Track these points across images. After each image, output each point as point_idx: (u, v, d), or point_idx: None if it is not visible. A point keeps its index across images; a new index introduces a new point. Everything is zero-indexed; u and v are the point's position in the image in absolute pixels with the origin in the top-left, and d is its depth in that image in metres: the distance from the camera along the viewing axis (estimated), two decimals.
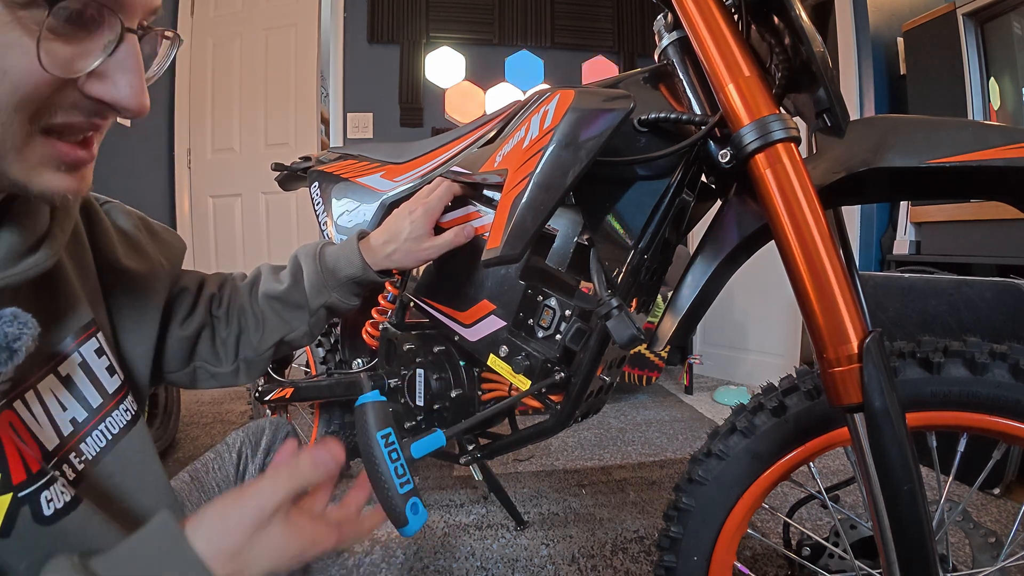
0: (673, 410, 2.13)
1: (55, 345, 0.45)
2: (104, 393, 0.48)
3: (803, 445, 0.61)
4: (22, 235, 0.39)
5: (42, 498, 0.37)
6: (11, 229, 0.38)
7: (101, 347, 0.49)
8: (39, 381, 0.42)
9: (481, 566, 1.07)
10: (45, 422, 0.42)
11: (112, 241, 0.54)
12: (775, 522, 1.19)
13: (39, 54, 0.31)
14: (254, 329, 0.66)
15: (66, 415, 0.44)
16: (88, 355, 0.47)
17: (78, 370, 0.46)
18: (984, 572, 0.62)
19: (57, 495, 0.38)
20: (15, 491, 0.36)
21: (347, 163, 1.04)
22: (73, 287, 0.47)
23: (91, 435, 0.46)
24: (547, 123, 0.60)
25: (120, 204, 0.58)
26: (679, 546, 0.66)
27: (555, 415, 0.73)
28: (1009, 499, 1.28)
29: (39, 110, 0.33)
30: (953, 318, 1.33)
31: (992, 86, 1.75)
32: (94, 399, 0.47)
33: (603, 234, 0.65)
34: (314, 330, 0.70)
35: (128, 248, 0.56)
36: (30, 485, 0.37)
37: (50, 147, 0.35)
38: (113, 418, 0.48)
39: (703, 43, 0.54)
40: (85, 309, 0.48)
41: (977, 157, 0.48)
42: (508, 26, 2.98)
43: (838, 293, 0.48)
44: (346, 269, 0.68)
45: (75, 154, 0.36)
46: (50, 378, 0.44)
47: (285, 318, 0.67)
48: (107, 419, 0.48)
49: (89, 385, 0.47)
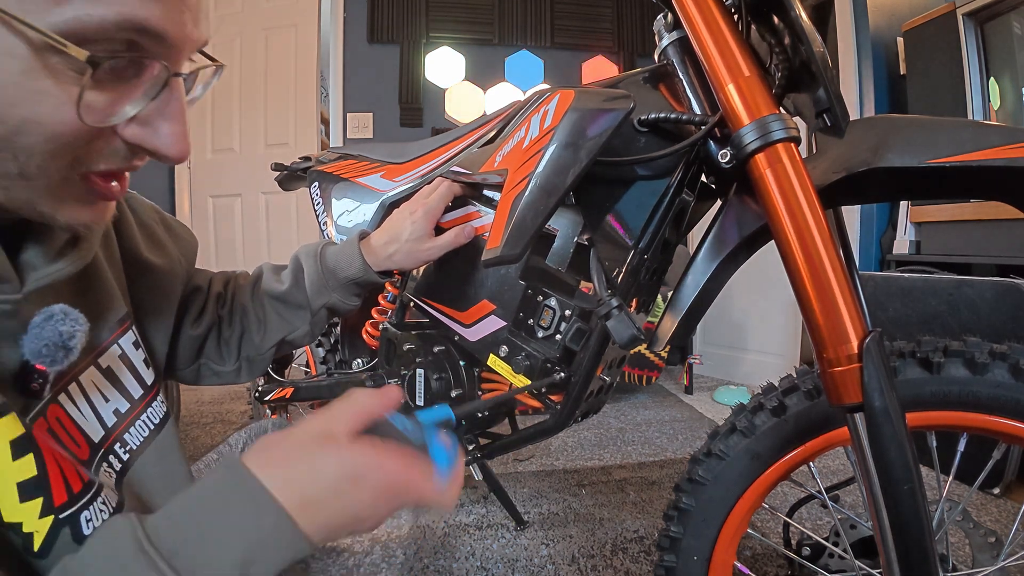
0: (673, 410, 2.13)
1: (96, 338, 0.44)
2: (144, 385, 0.48)
3: (803, 445, 0.61)
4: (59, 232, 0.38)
5: (82, 519, 0.36)
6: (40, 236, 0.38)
7: (137, 340, 0.49)
8: (81, 373, 0.42)
9: (481, 566, 1.07)
10: (90, 414, 0.42)
11: (135, 233, 0.54)
12: (775, 522, 1.19)
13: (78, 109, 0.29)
14: (256, 329, 0.66)
15: (109, 406, 0.44)
16: (127, 347, 0.47)
17: (118, 362, 0.46)
18: (984, 572, 0.62)
19: (96, 514, 0.37)
20: (56, 513, 0.34)
21: (347, 163, 1.04)
22: (108, 280, 0.47)
23: (134, 426, 0.46)
24: (547, 123, 0.60)
25: (137, 194, 0.57)
26: (679, 546, 0.66)
27: (555, 415, 0.73)
28: (1009, 499, 1.28)
29: (77, 157, 0.32)
30: (953, 318, 1.33)
31: (992, 86, 1.75)
32: (135, 390, 0.47)
33: (603, 234, 0.65)
34: (315, 330, 0.70)
35: (148, 241, 0.56)
36: (71, 506, 0.35)
37: (84, 185, 0.34)
38: (152, 410, 0.48)
39: (703, 43, 0.54)
40: (120, 302, 0.48)
41: (977, 157, 0.48)
42: (508, 26, 2.97)
43: (838, 293, 0.48)
44: (347, 270, 0.68)
45: (108, 190, 0.35)
46: (91, 370, 0.43)
47: (287, 318, 0.67)
48: (147, 411, 0.48)
49: (129, 376, 0.47)
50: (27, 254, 0.36)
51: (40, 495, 0.33)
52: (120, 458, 0.44)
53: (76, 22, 0.28)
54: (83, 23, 0.28)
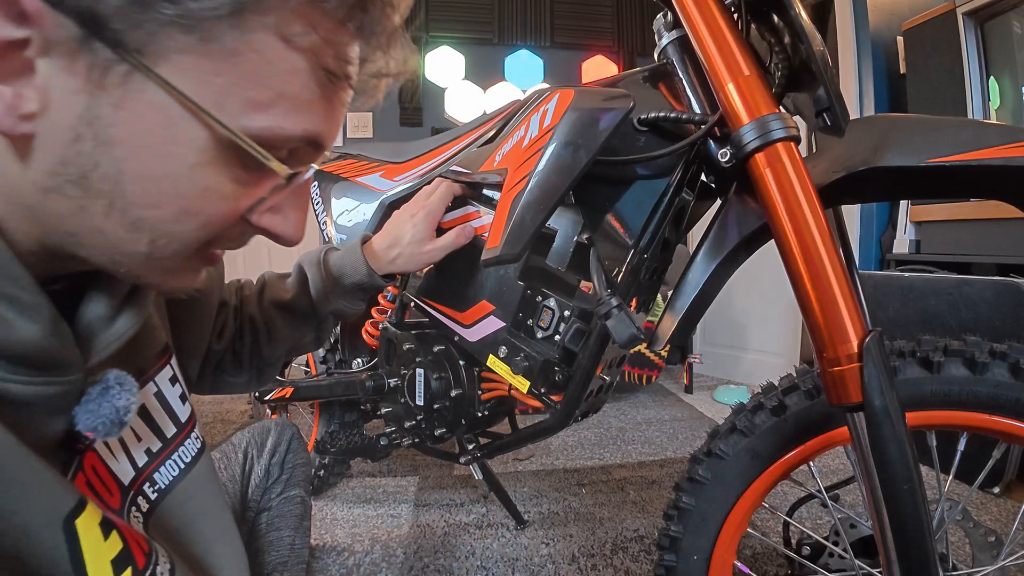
0: (673, 409, 2.13)
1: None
2: (177, 422, 0.46)
3: (803, 444, 0.61)
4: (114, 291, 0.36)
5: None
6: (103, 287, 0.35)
7: (175, 374, 0.47)
8: None
9: (481, 565, 1.07)
10: (121, 455, 0.40)
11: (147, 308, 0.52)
12: (775, 521, 1.19)
13: (257, 198, 0.31)
14: (265, 339, 0.66)
15: (141, 446, 0.42)
16: (163, 384, 0.45)
17: (153, 400, 0.44)
18: (984, 571, 0.62)
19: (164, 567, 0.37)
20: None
21: (346, 162, 1.04)
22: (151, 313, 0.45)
23: (164, 464, 0.44)
24: (547, 122, 0.59)
25: None
26: (679, 545, 0.66)
27: (555, 414, 0.73)
28: (1009, 498, 1.28)
29: (210, 242, 0.32)
30: (953, 317, 1.33)
31: (992, 85, 1.75)
32: (168, 429, 0.45)
33: (603, 233, 0.65)
34: (322, 336, 0.70)
35: None
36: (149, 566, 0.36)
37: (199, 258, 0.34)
38: (185, 447, 0.46)
39: (703, 42, 0.54)
40: (160, 332, 0.46)
41: (977, 156, 0.48)
42: (508, 25, 2.97)
43: (838, 292, 0.48)
44: (352, 276, 0.68)
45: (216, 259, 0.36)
46: None
47: (294, 326, 0.67)
48: (180, 448, 0.46)
49: (164, 415, 0.45)
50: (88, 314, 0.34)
51: (129, 565, 0.34)
52: (148, 498, 0.42)
53: (266, 131, 0.28)
54: (273, 132, 0.29)
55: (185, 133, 0.27)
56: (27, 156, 0.27)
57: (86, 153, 0.26)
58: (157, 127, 0.27)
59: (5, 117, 0.25)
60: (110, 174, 0.27)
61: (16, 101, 0.25)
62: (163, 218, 0.29)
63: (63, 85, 0.25)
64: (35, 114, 0.25)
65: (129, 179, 0.27)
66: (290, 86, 0.28)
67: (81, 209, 0.28)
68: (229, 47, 0.26)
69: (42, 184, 0.27)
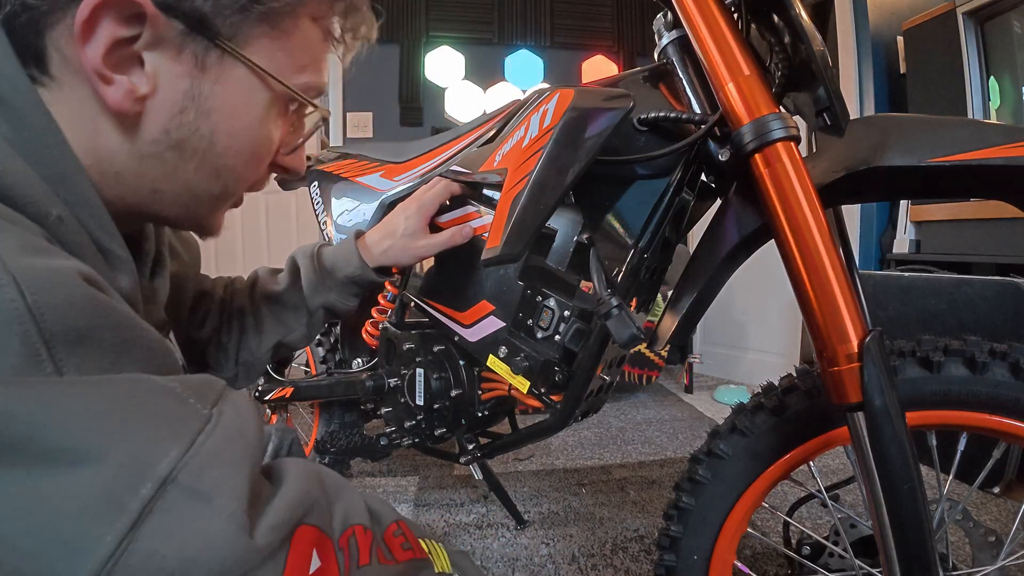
0: (673, 409, 2.13)
1: None
2: None
3: (803, 444, 0.61)
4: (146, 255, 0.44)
5: None
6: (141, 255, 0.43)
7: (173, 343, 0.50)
8: None
9: (481, 565, 1.07)
10: None
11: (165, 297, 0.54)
12: (775, 521, 1.19)
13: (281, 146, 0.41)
14: (253, 332, 0.66)
15: None
16: None
17: None
18: (984, 571, 0.62)
19: None
20: None
21: (347, 162, 1.04)
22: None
23: None
24: (547, 122, 0.59)
25: None
26: (679, 545, 0.66)
27: (555, 414, 0.73)
28: (1009, 498, 1.28)
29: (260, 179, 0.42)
30: (953, 317, 1.32)
31: (992, 85, 1.75)
32: None
33: (603, 233, 0.65)
34: (312, 331, 0.70)
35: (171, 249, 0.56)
36: None
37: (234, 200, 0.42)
38: None
39: (703, 42, 0.54)
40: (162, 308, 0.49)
41: (977, 156, 0.48)
42: (508, 25, 2.97)
43: (838, 292, 0.48)
44: (344, 269, 0.68)
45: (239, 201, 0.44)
46: None
47: (283, 319, 0.67)
48: None
49: None
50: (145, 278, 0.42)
51: None
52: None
53: (306, 85, 0.39)
54: (309, 86, 0.39)
55: (259, 96, 0.36)
56: (133, 130, 0.33)
57: (188, 123, 0.34)
58: (242, 94, 0.35)
59: (125, 101, 0.32)
60: (205, 135, 0.35)
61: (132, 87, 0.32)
62: (239, 164, 0.38)
63: (170, 70, 0.32)
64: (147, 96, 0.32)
65: (219, 137, 0.36)
66: (317, 52, 0.39)
67: (174, 169, 0.35)
68: (286, 29, 0.36)
69: (141, 152, 0.34)
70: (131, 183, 0.35)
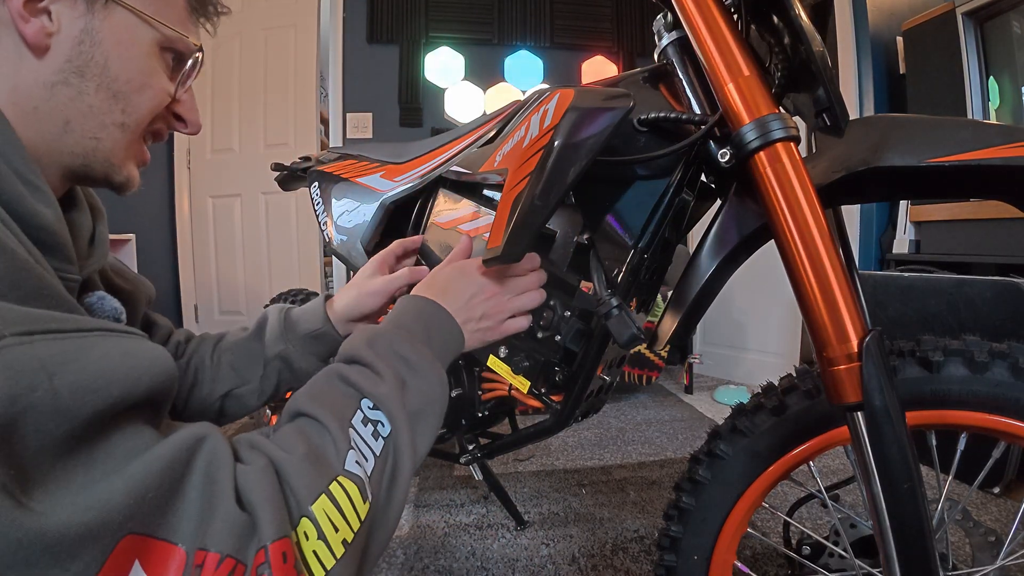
0: (673, 410, 2.13)
1: None
2: None
3: (803, 444, 0.61)
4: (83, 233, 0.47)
5: None
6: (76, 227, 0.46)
7: None
8: None
9: (481, 566, 1.08)
10: None
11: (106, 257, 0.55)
12: (775, 521, 1.19)
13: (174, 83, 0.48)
14: (207, 381, 0.67)
15: None
16: None
17: None
18: (984, 571, 0.62)
19: None
20: None
21: (347, 163, 1.04)
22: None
23: None
24: (547, 122, 0.60)
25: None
26: (679, 545, 0.66)
27: (555, 415, 0.73)
28: (1009, 498, 1.28)
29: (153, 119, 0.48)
30: (953, 317, 1.33)
31: (992, 85, 1.75)
32: None
33: (603, 233, 0.65)
34: (264, 386, 0.69)
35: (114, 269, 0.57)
36: None
37: (139, 147, 0.48)
38: None
39: (703, 43, 0.54)
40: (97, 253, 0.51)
41: (976, 156, 0.48)
42: (508, 26, 2.97)
43: (838, 292, 0.48)
44: (307, 324, 0.70)
45: (146, 156, 0.50)
46: None
47: (238, 369, 0.68)
48: None
49: None
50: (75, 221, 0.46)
51: None
52: None
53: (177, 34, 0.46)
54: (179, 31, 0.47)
55: (142, 33, 0.45)
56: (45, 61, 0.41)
57: (85, 52, 0.42)
58: (125, 29, 0.44)
59: (39, 36, 0.40)
60: (100, 61, 0.43)
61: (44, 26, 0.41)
62: (131, 89, 0.45)
63: (69, 14, 0.41)
64: (53, 32, 0.41)
65: (112, 63, 0.43)
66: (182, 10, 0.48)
67: (79, 93, 0.42)
68: None
69: (51, 80, 0.41)
70: (45, 116, 0.42)
